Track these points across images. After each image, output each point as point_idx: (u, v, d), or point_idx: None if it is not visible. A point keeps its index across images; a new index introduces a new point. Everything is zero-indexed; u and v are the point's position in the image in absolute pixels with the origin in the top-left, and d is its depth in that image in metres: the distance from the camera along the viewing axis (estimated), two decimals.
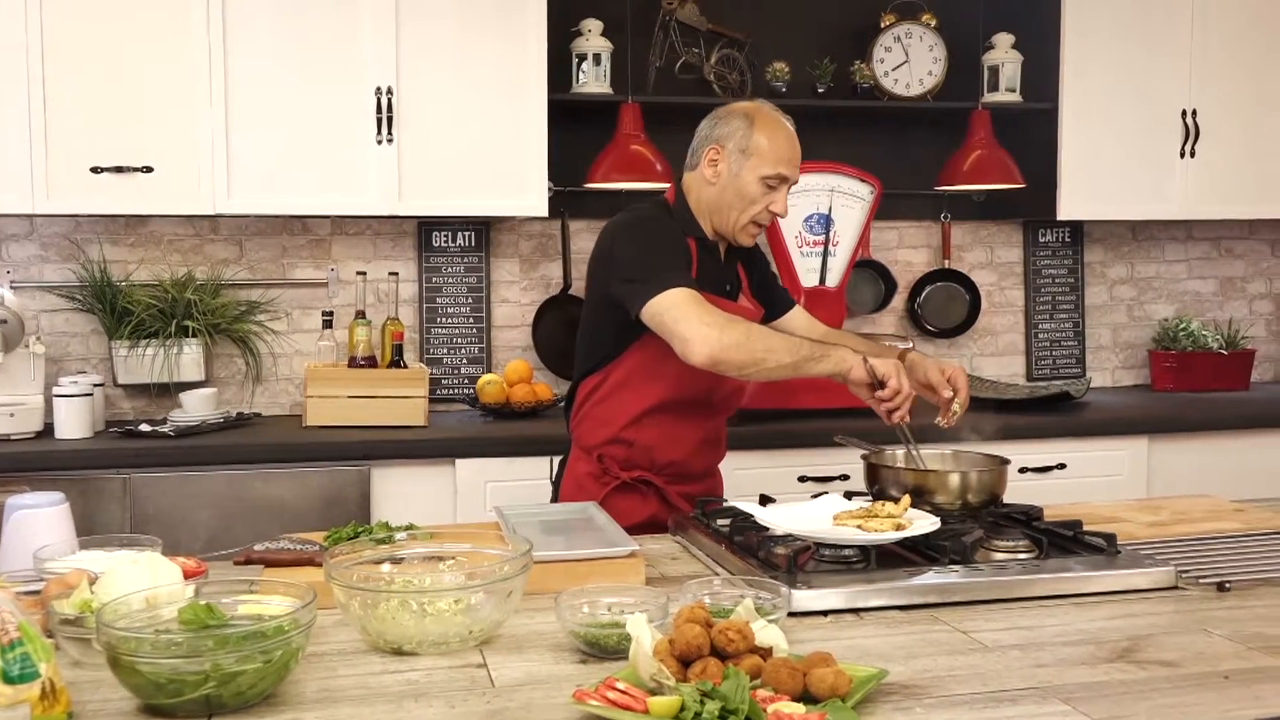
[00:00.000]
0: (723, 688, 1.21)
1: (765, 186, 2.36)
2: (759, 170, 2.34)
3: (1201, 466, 3.60)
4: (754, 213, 2.38)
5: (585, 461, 2.49)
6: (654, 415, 2.41)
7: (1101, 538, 1.90)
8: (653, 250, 2.31)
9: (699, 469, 2.51)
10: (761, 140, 2.35)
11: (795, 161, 2.39)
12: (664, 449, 2.43)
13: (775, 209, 2.39)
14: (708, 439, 2.50)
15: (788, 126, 2.40)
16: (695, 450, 2.47)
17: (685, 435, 2.44)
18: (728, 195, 2.38)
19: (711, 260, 2.44)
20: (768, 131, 2.36)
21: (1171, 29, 3.85)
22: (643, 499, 2.43)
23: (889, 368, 2.18)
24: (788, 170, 2.37)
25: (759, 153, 2.34)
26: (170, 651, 1.29)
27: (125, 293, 3.50)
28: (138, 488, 3.06)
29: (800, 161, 2.41)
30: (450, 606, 1.52)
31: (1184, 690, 1.36)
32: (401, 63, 3.36)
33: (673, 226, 2.40)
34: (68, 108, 3.20)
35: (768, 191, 2.36)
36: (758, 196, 2.36)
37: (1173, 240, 4.38)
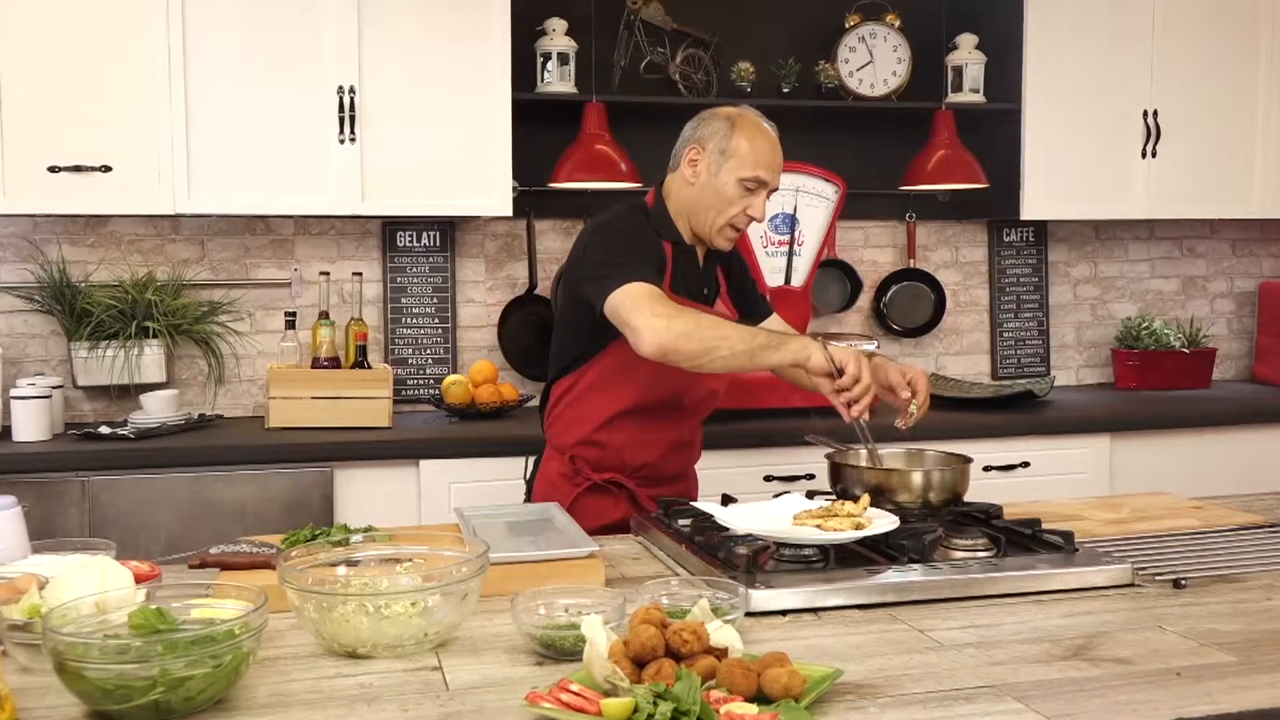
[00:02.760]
0: (675, 689, 1.21)
1: (743, 189, 2.35)
2: (737, 172, 2.34)
3: (1163, 464, 3.63)
4: (731, 215, 2.37)
5: (558, 462, 2.49)
6: (625, 418, 2.41)
7: (1059, 536, 1.91)
8: (620, 248, 2.31)
9: (671, 471, 2.51)
10: (742, 143, 2.34)
11: (775, 167, 2.38)
12: (635, 451, 2.43)
13: (753, 213, 2.37)
14: (680, 442, 2.50)
15: (770, 132, 2.39)
16: (667, 453, 2.47)
17: (656, 438, 2.44)
18: (705, 196, 2.37)
19: (688, 264, 2.43)
20: (748, 134, 2.35)
21: (1133, 30, 3.88)
22: (614, 500, 2.43)
23: (848, 355, 2.17)
24: (766, 174, 2.36)
25: (738, 155, 2.34)
26: (117, 657, 1.28)
27: (85, 293, 3.46)
28: (97, 490, 3.03)
29: (782, 168, 2.41)
30: (406, 609, 1.51)
31: (1136, 687, 1.37)
32: (364, 61, 3.34)
33: (646, 228, 2.39)
34: (24, 106, 3.16)
35: (745, 194, 2.35)
36: (735, 199, 2.35)
37: (1135, 240, 4.42)
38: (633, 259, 2.27)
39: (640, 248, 2.33)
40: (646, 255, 2.31)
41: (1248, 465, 3.63)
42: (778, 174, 2.39)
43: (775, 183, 2.39)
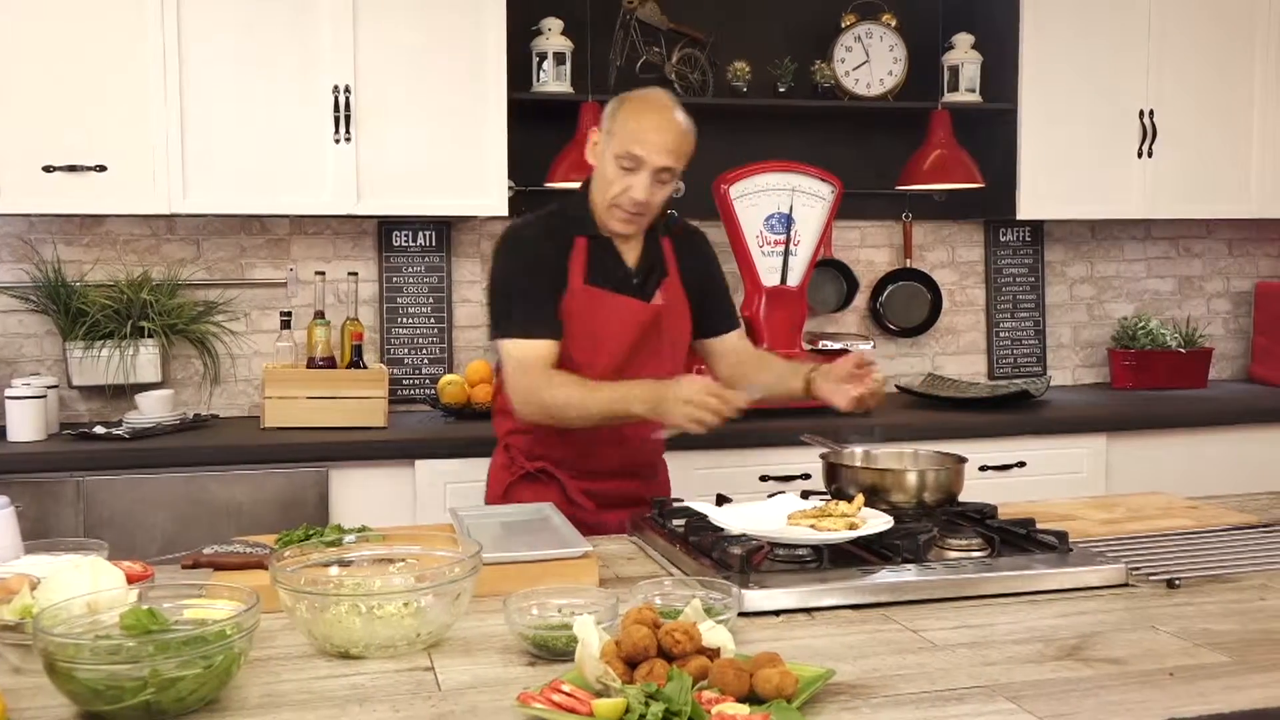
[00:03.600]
0: (667, 689, 1.20)
1: (620, 168, 2.28)
2: (613, 149, 2.29)
3: (1159, 464, 3.63)
4: (612, 195, 2.31)
5: (499, 452, 2.52)
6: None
7: (1054, 535, 1.91)
8: (515, 286, 2.35)
9: (604, 468, 2.42)
10: (622, 120, 2.30)
11: (658, 145, 2.27)
12: (561, 442, 2.40)
13: (633, 193, 2.29)
14: (609, 438, 2.39)
15: (659, 111, 2.31)
16: (595, 446, 2.40)
17: (581, 432, 2.37)
18: (597, 178, 2.36)
19: (605, 255, 2.39)
20: (632, 112, 2.31)
21: (1129, 30, 3.88)
22: (545, 489, 2.41)
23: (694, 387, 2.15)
24: (640, 149, 2.26)
25: (617, 133, 2.29)
26: (108, 658, 1.28)
27: (80, 293, 3.46)
28: (92, 491, 3.02)
29: (678, 149, 2.29)
30: (399, 610, 1.51)
31: (1129, 688, 1.37)
32: (359, 61, 3.33)
33: (546, 247, 2.36)
34: (18, 105, 3.15)
35: (624, 174, 2.28)
36: (614, 178, 2.30)
37: (1132, 239, 4.42)
38: (521, 302, 2.33)
39: (533, 280, 2.33)
40: (537, 287, 2.32)
41: (1244, 465, 3.63)
42: (664, 154, 2.27)
43: (659, 162, 2.27)
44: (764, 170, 3.56)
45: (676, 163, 2.31)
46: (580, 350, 2.36)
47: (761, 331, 3.57)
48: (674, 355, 2.47)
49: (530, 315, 2.33)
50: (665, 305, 2.42)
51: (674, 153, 2.30)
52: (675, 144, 2.30)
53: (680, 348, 2.49)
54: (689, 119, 2.36)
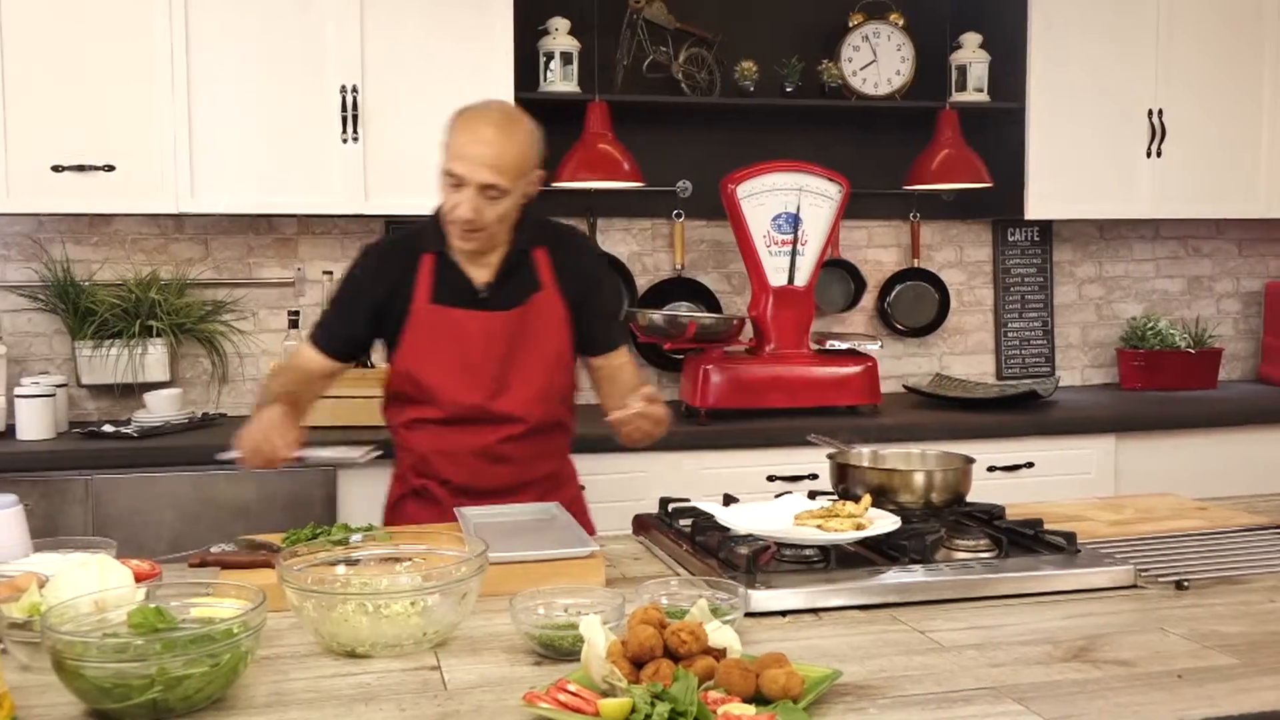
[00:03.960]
0: (672, 689, 1.20)
1: (448, 185, 2.23)
2: (441, 165, 2.24)
3: (1169, 465, 3.61)
4: (445, 212, 2.25)
5: (396, 462, 2.50)
6: (422, 426, 2.36)
7: (1062, 536, 1.90)
8: (332, 296, 2.43)
9: (487, 486, 2.32)
10: (450, 135, 2.25)
11: (474, 161, 2.18)
12: (439, 460, 2.35)
13: (459, 212, 2.20)
14: (489, 454, 2.32)
15: (481, 123, 2.22)
16: (475, 465, 2.33)
17: (457, 449, 2.33)
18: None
19: (450, 272, 2.32)
20: (455, 127, 2.25)
21: (1138, 29, 3.87)
22: (428, 507, 2.37)
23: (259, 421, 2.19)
24: (457, 167, 2.19)
25: (447, 148, 2.24)
26: (115, 656, 1.28)
27: (89, 292, 3.46)
28: (100, 489, 3.03)
29: (488, 160, 2.18)
30: (405, 609, 1.51)
31: (1137, 690, 1.36)
32: (366, 60, 3.34)
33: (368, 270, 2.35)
34: (27, 105, 3.16)
35: (451, 191, 2.22)
36: (445, 195, 2.25)
37: (1141, 239, 4.41)
38: (325, 311, 2.44)
39: (343, 292, 2.39)
40: (342, 302, 2.39)
41: (1253, 466, 3.62)
42: (483, 170, 2.17)
43: (478, 179, 2.18)
44: (771, 170, 3.56)
45: (501, 179, 2.19)
46: (431, 371, 2.31)
47: (768, 331, 3.57)
48: (548, 370, 2.35)
49: (321, 324, 2.42)
50: (523, 317, 2.32)
51: (495, 169, 2.18)
52: (495, 159, 2.19)
53: (556, 362, 2.37)
54: (525, 130, 2.26)
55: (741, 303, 3.94)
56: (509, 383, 2.32)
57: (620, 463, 3.26)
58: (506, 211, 2.26)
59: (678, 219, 3.94)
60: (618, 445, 3.25)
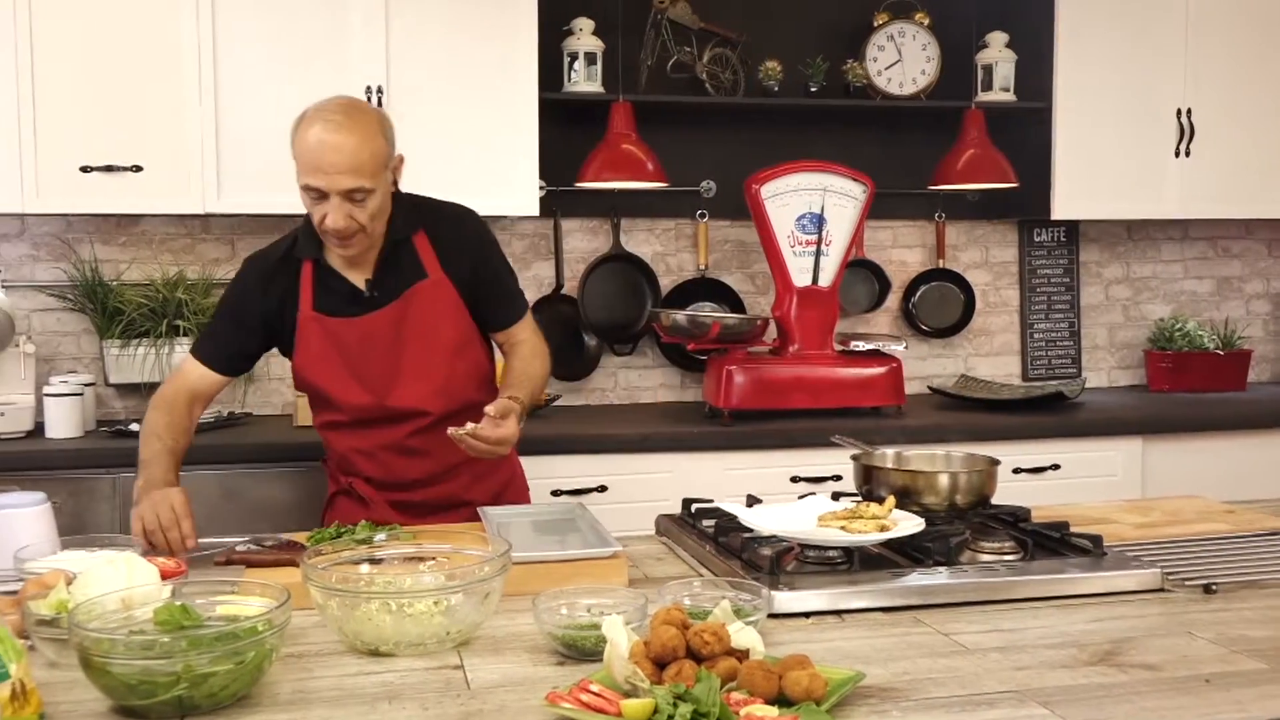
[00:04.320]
0: (695, 690, 1.20)
1: (309, 197, 2.16)
2: (298, 180, 2.16)
3: (1197, 467, 3.58)
4: (316, 225, 2.18)
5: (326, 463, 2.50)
6: (335, 428, 2.37)
7: (1088, 539, 1.89)
8: (218, 306, 2.42)
9: (410, 477, 2.34)
10: (295, 147, 2.15)
11: (325, 169, 2.09)
12: (357, 458, 2.35)
13: (329, 223, 2.13)
14: (402, 448, 2.32)
15: (326, 128, 2.11)
16: (390, 460, 2.33)
17: (370, 445, 2.33)
18: None
19: (329, 278, 2.29)
20: (299, 138, 2.15)
21: (1166, 27, 3.84)
22: (360, 505, 2.36)
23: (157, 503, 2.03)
24: (315, 180, 2.11)
25: (297, 161, 2.16)
26: (141, 653, 1.29)
27: (116, 292, 3.49)
28: (128, 487, 3.02)
29: (347, 166, 2.09)
30: (429, 608, 1.51)
31: (1164, 694, 1.35)
32: (391, 62, 3.35)
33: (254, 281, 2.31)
34: (57, 106, 3.19)
35: (314, 203, 2.15)
36: (310, 207, 2.18)
37: (1169, 240, 4.37)
38: (210, 323, 2.43)
39: (228, 308, 2.36)
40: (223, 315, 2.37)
41: None
42: (337, 175, 2.09)
43: (337, 186, 2.10)
44: (795, 170, 3.55)
45: (363, 180, 2.11)
46: (324, 378, 2.30)
47: (792, 332, 3.56)
48: (447, 358, 2.31)
49: (207, 337, 2.40)
50: (404, 309, 2.27)
51: (354, 171, 2.10)
52: (352, 163, 2.10)
53: (453, 348, 2.32)
54: (374, 120, 2.18)
55: (765, 303, 3.93)
56: (404, 378, 2.28)
57: (643, 463, 3.27)
58: (379, 207, 2.19)
59: (701, 219, 3.94)
60: (640, 447, 3.29)
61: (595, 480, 3.25)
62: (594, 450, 3.25)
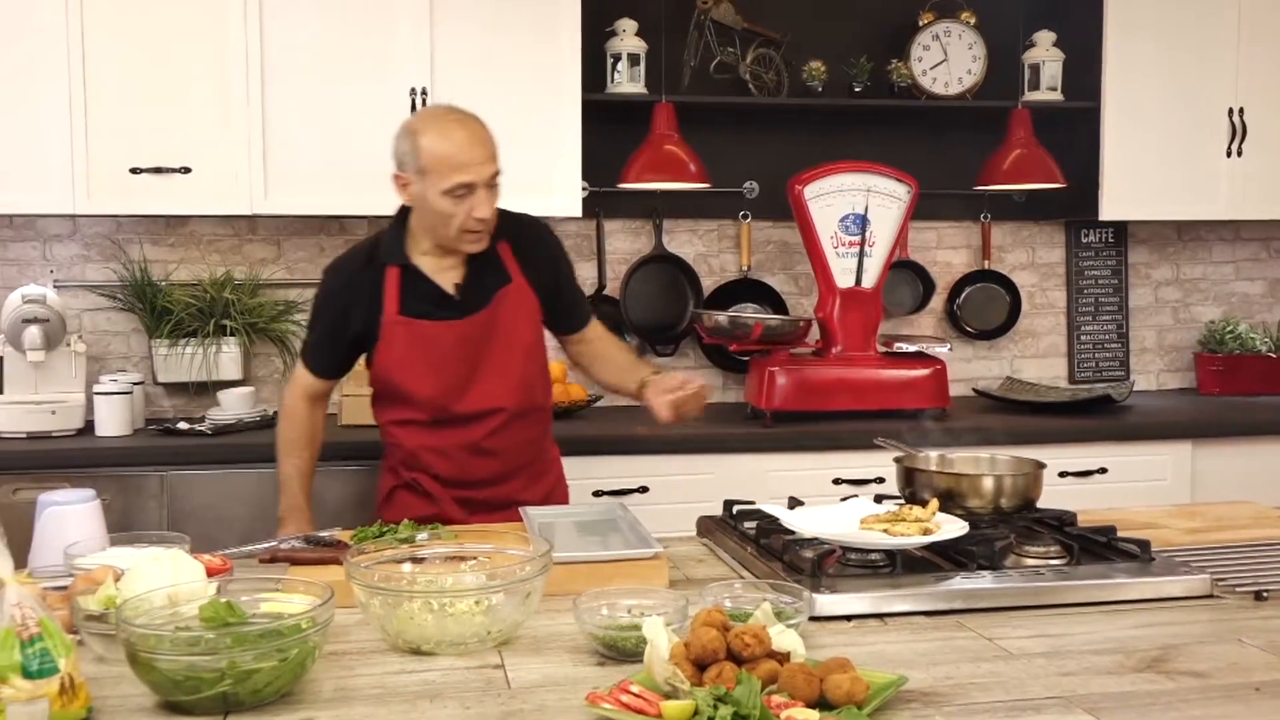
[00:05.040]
0: (736, 692, 1.20)
1: (453, 198, 2.25)
2: (439, 186, 2.24)
3: (1247, 472, 3.52)
4: (457, 225, 2.28)
5: (385, 456, 2.54)
6: (408, 425, 2.42)
7: (1135, 544, 1.86)
8: (313, 315, 2.49)
9: (479, 476, 2.42)
10: (430, 153, 2.25)
11: (475, 162, 2.25)
12: (429, 456, 2.41)
13: (477, 214, 2.26)
14: (475, 448, 2.40)
15: (459, 127, 2.27)
16: (463, 459, 2.41)
17: (445, 444, 2.40)
18: (428, 216, 2.31)
19: (419, 283, 2.37)
20: (434, 141, 2.25)
21: (1217, 25, 3.78)
22: (423, 499, 2.43)
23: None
24: (466, 176, 2.24)
25: (433, 169, 2.24)
26: (187, 649, 1.30)
27: (165, 292, 3.54)
28: (175, 485, 3.09)
29: (487, 154, 2.27)
30: (470, 607, 1.52)
31: (1212, 702, 1.33)
32: (436, 63, 3.37)
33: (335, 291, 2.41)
34: (107, 109, 3.24)
35: (459, 201, 2.25)
36: (453, 210, 2.26)
37: (1220, 241, 4.30)
38: (310, 332, 2.50)
39: (320, 312, 2.45)
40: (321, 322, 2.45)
41: None
42: (484, 165, 2.26)
43: (485, 176, 2.26)
44: (839, 171, 3.53)
45: (498, 163, 2.31)
46: (408, 379, 2.37)
47: (835, 333, 3.54)
48: (523, 359, 2.43)
49: (307, 345, 2.52)
50: (494, 314, 2.38)
51: (494, 157, 2.30)
52: (491, 149, 2.30)
53: (528, 350, 2.44)
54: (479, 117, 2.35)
55: (808, 304, 3.92)
56: (486, 378, 2.38)
57: (684, 464, 3.27)
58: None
59: (744, 220, 3.93)
60: (682, 448, 3.28)
61: (636, 481, 3.25)
62: (635, 451, 3.25)
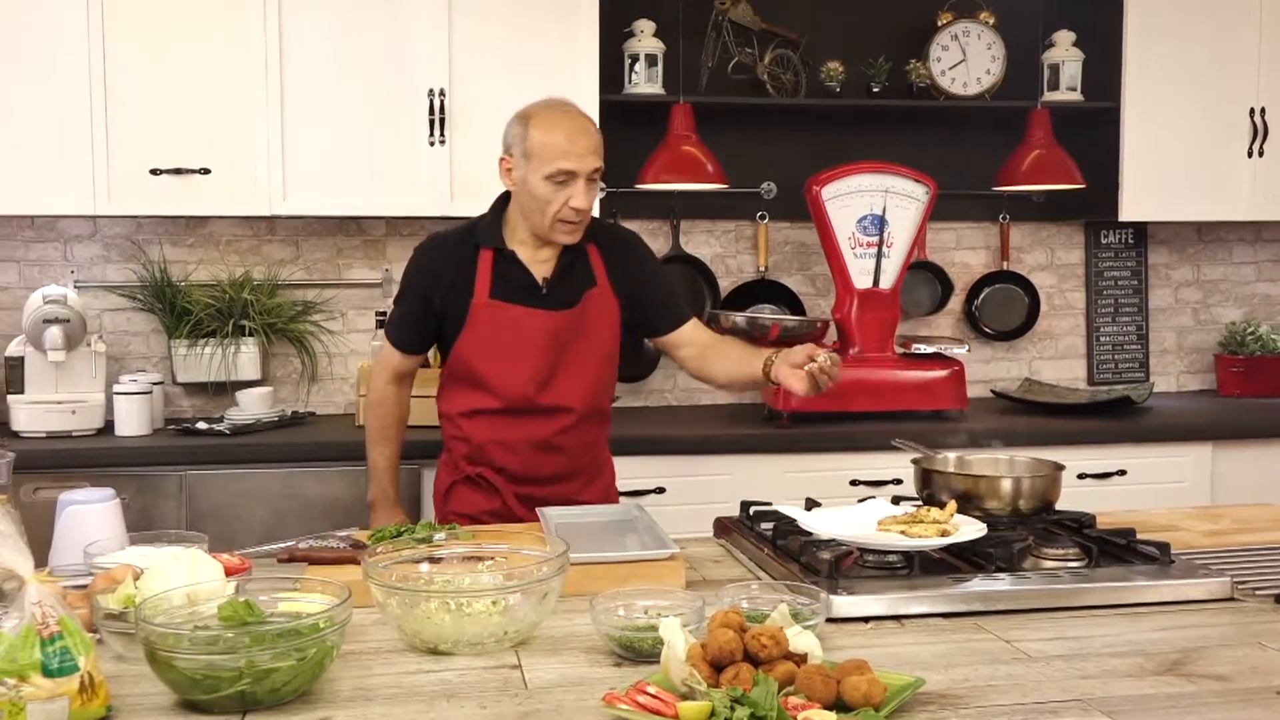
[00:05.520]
0: (752, 694, 1.19)
1: (554, 185, 2.31)
2: (541, 171, 2.30)
3: (1268, 474, 3.50)
4: (554, 212, 2.33)
5: (444, 452, 2.57)
6: (479, 416, 2.44)
7: (1155, 546, 1.85)
8: (401, 292, 2.51)
9: (546, 473, 2.46)
10: (538, 139, 2.31)
11: (580, 152, 2.30)
12: (497, 449, 2.44)
13: (575, 203, 2.32)
14: (544, 444, 2.44)
15: (569, 118, 2.35)
16: (532, 454, 2.44)
17: (515, 438, 2.43)
18: (526, 200, 2.36)
19: (512, 268, 2.41)
20: (544, 129, 2.32)
21: (1238, 24, 3.76)
22: (485, 494, 2.46)
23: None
24: (569, 163, 2.29)
25: (538, 154, 2.31)
26: (206, 648, 1.31)
27: (184, 292, 3.56)
28: (194, 484, 3.11)
29: (593, 148, 2.33)
30: (487, 607, 1.52)
31: (1233, 705, 1.32)
32: (454, 64, 3.38)
33: (425, 268, 2.43)
34: (128, 111, 3.26)
35: (559, 189, 2.31)
36: (551, 196, 2.31)
37: (1241, 242, 4.28)
38: (397, 308, 2.52)
39: (409, 292, 2.47)
40: (410, 299, 2.47)
41: None
42: (588, 157, 2.31)
43: (585, 167, 2.31)
44: (857, 171, 3.52)
45: (601, 159, 2.35)
46: (488, 363, 2.39)
47: (853, 334, 3.53)
48: (599, 363, 2.47)
49: (395, 322, 2.53)
50: (581, 313, 2.42)
51: (598, 153, 2.34)
52: (597, 143, 2.35)
53: (606, 355, 2.48)
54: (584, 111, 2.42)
55: (825, 305, 3.91)
56: (564, 375, 2.41)
57: (702, 465, 3.26)
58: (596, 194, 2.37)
59: (762, 221, 3.93)
60: (699, 449, 3.28)
61: (654, 482, 3.25)
62: (653, 452, 3.25)
